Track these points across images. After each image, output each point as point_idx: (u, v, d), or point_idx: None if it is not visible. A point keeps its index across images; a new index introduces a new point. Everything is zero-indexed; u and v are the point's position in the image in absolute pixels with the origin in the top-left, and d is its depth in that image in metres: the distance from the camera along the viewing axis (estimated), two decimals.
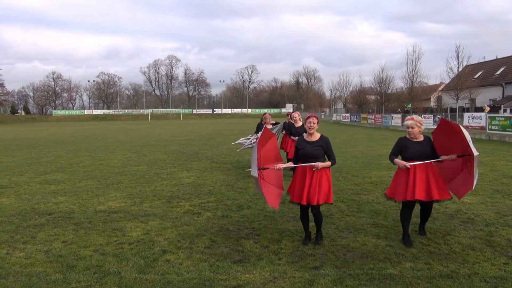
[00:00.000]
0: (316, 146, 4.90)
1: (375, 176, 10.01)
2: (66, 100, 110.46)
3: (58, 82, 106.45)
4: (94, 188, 8.74)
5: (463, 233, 5.41)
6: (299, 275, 4.13)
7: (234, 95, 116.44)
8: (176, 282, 3.97)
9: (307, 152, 4.88)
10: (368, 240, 5.17)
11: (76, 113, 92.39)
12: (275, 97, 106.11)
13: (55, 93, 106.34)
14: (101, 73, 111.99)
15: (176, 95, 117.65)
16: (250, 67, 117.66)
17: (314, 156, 4.86)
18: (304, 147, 4.93)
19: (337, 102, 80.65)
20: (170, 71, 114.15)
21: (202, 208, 6.86)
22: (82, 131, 35.25)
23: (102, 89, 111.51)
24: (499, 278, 4.01)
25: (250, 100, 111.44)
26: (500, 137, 21.04)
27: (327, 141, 4.98)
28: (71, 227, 5.83)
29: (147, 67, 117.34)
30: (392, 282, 3.95)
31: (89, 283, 3.97)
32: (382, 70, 60.18)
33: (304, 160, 4.91)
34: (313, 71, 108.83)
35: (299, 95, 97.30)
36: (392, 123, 35.54)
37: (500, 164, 11.82)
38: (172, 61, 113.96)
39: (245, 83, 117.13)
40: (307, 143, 4.95)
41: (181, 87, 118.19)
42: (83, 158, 14.49)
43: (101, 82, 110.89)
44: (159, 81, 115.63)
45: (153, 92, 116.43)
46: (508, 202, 7.14)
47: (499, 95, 45.16)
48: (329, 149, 4.96)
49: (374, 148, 17.11)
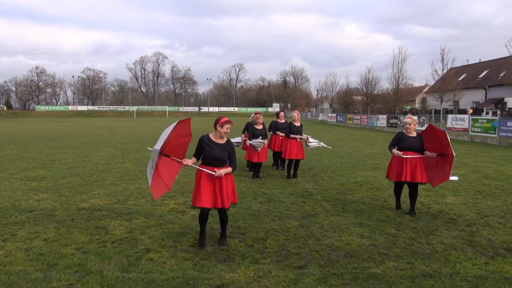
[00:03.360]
0: (224, 150, 4.80)
1: (360, 176, 10.08)
2: (49, 96, 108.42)
3: (41, 77, 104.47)
4: (77, 185, 8.60)
5: (446, 233, 5.49)
6: (284, 274, 4.13)
7: (221, 93, 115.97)
8: (160, 281, 3.93)
9: (214, 154, 4.75)
10: (352, 240, 5.20)
11: (60, 109, 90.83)
12: (262, 96, 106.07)
13: (38, 88, 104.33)
14: (86, 68, 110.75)
15: (162, 93, 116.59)
16: (238, 65, 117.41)
17: (221, 159, 4.76)
18: (212, 148, 4.77)
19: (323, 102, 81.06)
20: (156, 68, 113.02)
21: (187, 207, 6.81)
22: (66, 127, 34.70)
23: (87, 85, 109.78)
24: (480, 277, 4.08)
25: (237, 99, 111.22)
26: (482, 139, 21.43)
27: (232, 146, 4.93)
28: (52, 225, 5.72)
29: (133, 63, 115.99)
30: (375, 281, 3.98)
31: (70, 282, 3.90)
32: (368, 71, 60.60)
33: (210, 162, 4.78)
34: (301, 70, 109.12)
35: (286, 95, 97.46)
36: (378, 123, 35.88)
37: (482, 165, 12.04)
38: (159, 58, 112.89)
39: (232, 82, 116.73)
40: (216, 145, 4.80)
41: (167, 84, 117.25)
42: (66, 154, 14.26)
43: (86, 78, 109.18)
44: (146, 78, 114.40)
45: (139, 89, 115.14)
46: (489, 203, 7.27)
47: (482, 98, 46.00)
48: (233, 154, 4.90)
49: (359, 148, 17.25)
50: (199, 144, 4.88)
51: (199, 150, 4.88)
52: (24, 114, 79.84)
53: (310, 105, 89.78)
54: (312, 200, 7.38)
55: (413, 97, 61.76)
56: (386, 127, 33.82)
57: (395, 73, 49.65)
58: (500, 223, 5.98)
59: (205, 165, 4.84)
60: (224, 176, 4.77)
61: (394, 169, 6.44)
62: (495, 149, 17.35)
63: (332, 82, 78.49)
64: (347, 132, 29.93)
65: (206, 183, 4.74)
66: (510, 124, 19.59)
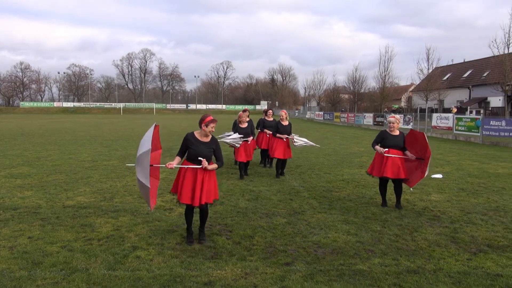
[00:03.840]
0: (209, 148, 4.89)
1: (347, 173, 10.17)
2: (34, 92, 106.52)
3: (26, 72, 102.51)
4: (62, 183, 8.50)
5: (430, 230, 5.58)
6: (271, 271, 4.16)
7: (209, 90, 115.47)
8: (147, 279, 3.92)
9: (200, 152, 4.82)
10: (338, 237, 5.26)
11: (45, 105, 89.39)
12: (250, 94, 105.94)
13: (23, 84, 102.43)
14: (72, 64, 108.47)
15: (149, 89, 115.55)
16: (226, 63, 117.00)
17: (206, 157, 4.81)
18: (197, 147, 4.84)
19: (311, 100, 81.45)
20: (144, 65, 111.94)
21: (174, 204, 6.79)
22: (51, 124, 34.19)
23: (72, 81, 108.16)
24: (463, 273, 4.16)
25: (225, 96, 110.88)
26: (466, 138, 21.80)
27: (217, 143, 5.00)
28: (37, 223, 5.65)
29: (120, 60, 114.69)
30: (361, 277, 4.03)
31: (55, 280, 3.87)
32: (355, 70, 61.22)
33: (195, 160, 4.83)
34: (288, 68, 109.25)
35: (274, 93, 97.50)
36: (364, 122, 36.19)
37: (465, 163, 12.25)
38: (146, 54, 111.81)
39: (220, 79, 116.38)
40: (201, 143, 4.88)
41: (155, 81, 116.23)
42: (51, 151, 14.07)
43: (71, 74, 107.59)
44: (133, 74, 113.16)
45: (126, 86, 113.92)
46: (472, 200, 7.41)
47: (466, 97, 46.73)
48: (218, 151, 4.98)
49: (346, 146, 17.39)
50: (184, 142, 4.92)
51: (184, 148, 4.93)
52: (8, 111, 78.36)
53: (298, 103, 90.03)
54: (299, 198, 7.42)
55: (399, 96, 62.41)
56: (373, 125, 34.14)
57: (381, 72, 50.25)
58: (483, 220, 6.11)
59: (190, 162, 4.89)
60: (207, 173, 4.85)
61: (377, 166, 6.70)
62: (478, 147, 17.67)
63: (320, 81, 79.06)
64: (334, 130, 30.13)
65: (189, 180, 4.81)
66: (493, 123, 19.96)
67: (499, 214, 6.43)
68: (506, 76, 33.32)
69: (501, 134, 19.22)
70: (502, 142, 18.87)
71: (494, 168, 11.30)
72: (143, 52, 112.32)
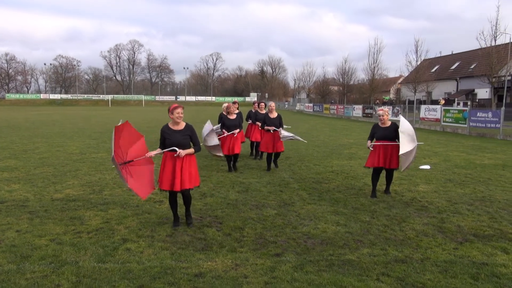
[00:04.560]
0: (184, 135, 5.06)
1: (336, 165, 10.24)
2: (20, 84, 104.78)
3: (11, 64, 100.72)
4: (50, 176, 8.41)
5: (417, 220, 5.67)
6: (261, 262, 4.19)
7: (198, 82, 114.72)
8: (137, 271, 3.92)
9: (175, 141, 5.00)
10: (328, 227, 5.31)
11: (31, 97, 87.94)
12: (239, 86, 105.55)
13: (8, 75, 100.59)
14: (58, 56, 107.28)
15: (138, 81, 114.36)
16: (215, 54, 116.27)
17: (182, 144, 5.01)
18: (171, 136, 5.01)
19: (300, 92, 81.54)
20: (132, 56, 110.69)
21: (164, 196, 6.77)
22: (38, 116, 33.71)
23: (59, 72, 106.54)
24: (449, 262, 4.24)
25: (215, 88, 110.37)
26: (453, 129, 22.06)
27: (192, 129, 5.18)
28: (25, 216, 5.60)
29: (107, 51, 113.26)
30: (350, 267, 4.08)
31: (44, 273, 3.85)
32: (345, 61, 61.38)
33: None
34: (278, 60, 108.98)
35: (264, 84, 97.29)
36: (354, 114, 36.37)
37: (452, 154, 12.42)
38: (135, 45, 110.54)
39: (210, 71, 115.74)
40: (175, 132, 5.05)
41: (143, 73, 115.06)
42: (38, 144, 13.89)
43: (58, 66, 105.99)
44: (121, 66, 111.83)
45: (114, 78, 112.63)
46: (459, 190, 7.53)
47: (453, 89, 47.23)
48: (194, 137, 5.17)
49: (335, 138, 17.48)
50: (161, 134, 5.13)
51: (162, 140, 5.12)
52: None
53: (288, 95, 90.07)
54: (289, 189, 7.46)
55: (388, 88, 62.80)
56: (362, 117, 34.32)
57: (370, 63, 50.39)
58: (469, 210, 6.22)
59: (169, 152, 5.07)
60: (187, 159, 5.06)
61: (371, 157, 6.95)
62: (465, 139, 17.90)
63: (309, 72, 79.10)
64: (324, 122, 30.23)
65: (169, 166, 5.03)
66: (480, 115, 20.22)
67: (485, 204, 6.55)
68: (493, 68, 33.74)
69: (487, 125, 19.49)
70: (489, 134, 19.15)
71: (480, 159, 11.47)
72: (131, 43, 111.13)
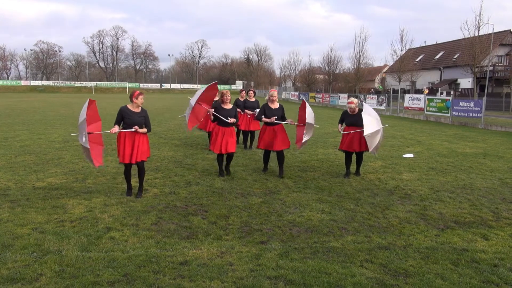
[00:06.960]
0: (141, 117, 6.04)
1: (321, 153, 10.30)
2: None
3: None
4: (32, 164, 8.26)
5: (401, 208, 5.76)
6: (246, 249, 4.20)
7: (184, 70, 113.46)
8: (121, 260, 3.89)
9: (134, 121, 5.92)
10: (313, 215, 5.35)
11: (11, 84, 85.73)
12: (225, 74, 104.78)
13: None
14: (39, 41, 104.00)
15: (122, 68, 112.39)
16: (201, 41, 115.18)
17: (139, 124, 5.97)
18: (131, 117, 5.93)
19: (286, 81, 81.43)
20: (116, 43, 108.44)
21: (149, 185, 6.73)
22: (19, 103, 32.93)
23: (40, 58, 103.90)
24: (431, 248, 4.33)
25: (200, 76, 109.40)
26: (436, 118, 22.39)
27: (147, 113, 6.21)
28: (6, 205, 5.49)
29: (90, 37, 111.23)
30: (334, 254, 4.13)
31: (27, 262, 3.79)
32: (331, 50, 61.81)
33: (131, 127, 5.87)
34: (264, 48, 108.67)
35: (249, 72, 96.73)
36: (339, 102, 36.54)
37: (435, 143, 12.61)
38: (118, 32, 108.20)
39: (195, 58, 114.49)
40: (135, 114, 5.98)
41: (127, 59, 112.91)
42: (19, 132, 13.60)
43: (39, 51, 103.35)
44: (104, 52, 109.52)
45: (97, 64, 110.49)
46: (441, 178, 7.66)
47: (437, 79, 47.81)
48: (147, 119, 6.16)
49: (321, 127, 17.55)
50: (120, 113, 5.95)
51: (119, 118, 5.95)
52: None
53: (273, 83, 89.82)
54: (275, 178, 7.48)
55: (373, 77, 63.23)
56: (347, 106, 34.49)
57: (356, 53, 50.66)
58: (451, 197, 6.34)
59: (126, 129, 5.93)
60: (141, 137, 5.99)
61: (343, 142, 7.63)
62: (448, 128, 18.19)
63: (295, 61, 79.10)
64: None
65: (128, 143, 5.88)
66: (462, 104, 20.54)
67: (466, 192, 6.68)
68: (476, 58, 34.22)
69: (469, 115, 19.83)
70: (470, 123, 19.49)
71: (462, 148, 11.69)
72: (114, 30, 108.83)
